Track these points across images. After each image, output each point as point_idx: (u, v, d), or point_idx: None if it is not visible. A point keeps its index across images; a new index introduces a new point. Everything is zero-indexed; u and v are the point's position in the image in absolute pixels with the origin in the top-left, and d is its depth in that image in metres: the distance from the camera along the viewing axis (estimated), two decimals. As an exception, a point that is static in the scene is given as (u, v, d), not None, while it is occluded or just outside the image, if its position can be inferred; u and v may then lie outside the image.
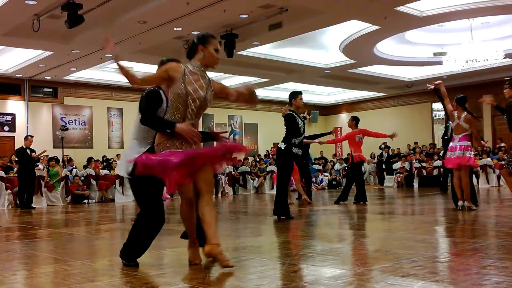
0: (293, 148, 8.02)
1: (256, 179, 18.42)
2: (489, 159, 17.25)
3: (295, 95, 8.33)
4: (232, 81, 20.70)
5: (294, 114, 8.21)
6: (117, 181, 15.34)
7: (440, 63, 16.13)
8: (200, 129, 4.17)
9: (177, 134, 3.85)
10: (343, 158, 23.28)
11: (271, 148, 23.70)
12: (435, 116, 23.02)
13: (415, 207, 9.66)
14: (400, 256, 4.32)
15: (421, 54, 17.03)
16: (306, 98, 25.13)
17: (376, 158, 21.50)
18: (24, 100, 18.33)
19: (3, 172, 13.67)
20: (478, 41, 14.33)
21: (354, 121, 11.23)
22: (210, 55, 3.99)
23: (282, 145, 8.18)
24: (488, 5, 12.27)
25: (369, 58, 16.91)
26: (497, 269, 3.62)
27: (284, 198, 7.99)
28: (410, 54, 17.17)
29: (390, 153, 21.00)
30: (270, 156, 22.01)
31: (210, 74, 4.27)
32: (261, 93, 23.07)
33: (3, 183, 13.31)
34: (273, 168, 18.76)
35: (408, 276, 3.46)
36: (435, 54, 15.68)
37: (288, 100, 8.46)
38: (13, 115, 18.06)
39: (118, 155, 18.67)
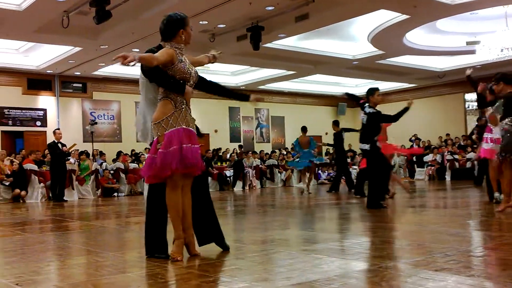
0: (377, 143, 7.97)
1: (284, 172, 18.38)
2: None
3: (372, 91, 8.17)
4: (258, 74, 20.69)
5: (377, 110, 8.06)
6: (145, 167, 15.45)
7: (473, 52, 15.80)
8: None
9: (178, 104, 4.00)
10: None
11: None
12: (468, 107, 22.62)
13: (447, 200, 9.52)
14: (432, 250, 4.25)
15: (453, 43, 16.74)
16: (334, 90, 25.16)
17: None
18: (55, 96, 18.65)
19: (36, 166, 13.93)
20: (514, 29, 13.97)
21: None
22: (188, 35, 4.21)
23: (365, 146, 8.05)
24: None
25: (398, 49, 16.68)
26: (533, 263, 3.54)
27: (379, 189, 7.96)
28: (442, 43, 16.88)
29: (421, 145, 20.71)
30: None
31: (236, 68, 4.37)
32: (287, 85, 23.05)
33: (36, 177, 13.57)
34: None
35: (442, 271, 3.40)
36: (467, 43, 15.38)
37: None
38: (45, 110, 18.39)
39: (146, 149, 18.84)
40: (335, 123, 14.18)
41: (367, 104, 8.14)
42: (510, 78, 7.02)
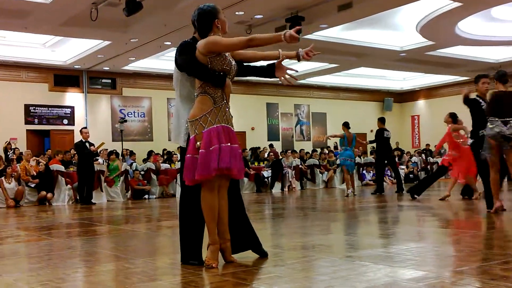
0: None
1: (326, 172, 18.28)
2: None
3: (477, 78, 7.83)
4: (298, 67, 20.50)
5: (480, 100, 7.56)
6: (178, 176, 15.59)
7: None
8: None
9: (218, 100, 3.99)
10: (421, 149, 22.78)
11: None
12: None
13: (505, 203, 9.30)
14: (489, 257, 4.17)
15: (510, 32, 16.35)
16: (380, 84, 24.94)
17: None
18: (83, 92, 19.00)
19: (62, 167, 14.20)
20: None
21: (451, 118, 10.71)
22: (224, 23, 4.28)
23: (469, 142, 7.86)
24: None
25: (450, 39, 16.39)
26: None
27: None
28: (497, 33, 16.50)
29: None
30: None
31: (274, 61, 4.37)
32: (329, 79, 22.94)
33: (63, 178, 13.83)
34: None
35: (499, 279, 3.33)
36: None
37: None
38: (72, 108, 18.75)
39: (178, 148, 19.00)
40: (381, 120, 14.08)
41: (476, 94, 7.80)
42: None
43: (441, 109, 19.78)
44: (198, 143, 3.93)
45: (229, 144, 3.93)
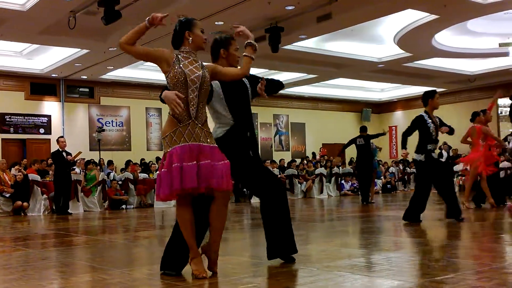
0: (432, 154, 7.83)
1: (304, 182, 18.34)
2: None
3: (432, 94, 8.08)
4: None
5: (425, 117, 7.92)
6: (156, 185, 15.51)
7: (506, 54, 15.70)
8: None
9: (183, 118, 3.95)
10: (398, 160, 22.99)
11: (320, 149, 23.60)
12: (501, 113, 22.40)
13: (480, 213, 9.43)
14: (463, 266, 4.22)
15: (485, 45, 16.63)
16: (358, 95, 25.11)
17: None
18: (60, 101, 18.85)
19: (38, 177, 14.05)
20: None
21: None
22: (197, 37, 4.22)
23: (418, 157, 7.89)
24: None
25: (427, 51, 16.62)
26: None
27: (419, 205, 7.92)
28: (473, 45, 16.77)
29: (451, 154, 20.55)
30: (318, 157, 21.92)
31: (253, 71, 4.39)
32: (308, 90, 23.06)
33: (39, 188, 13.67)
34: (322, 171, 18.67)
35: (474, 289, 3.38)
36: (500, 45, 15.29)
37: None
38: (49, 117, 18.58)
39: (157, 157, 18.95)
40: (362, 129, 14.21)
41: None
42: None
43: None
44: (164, 161, 3.95)
45: (194, 162, 3.87)
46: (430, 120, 7.88)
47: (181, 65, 4.02)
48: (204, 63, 4.25)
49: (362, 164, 13.99)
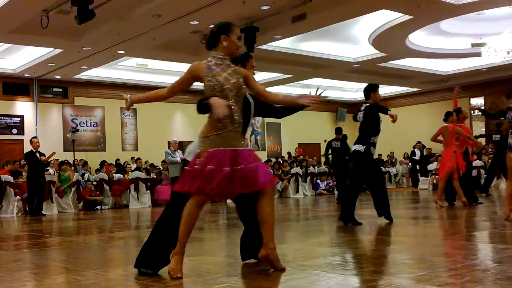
0: (371, 148, 7.62)
1: (280, 182, 18.38)
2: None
3: (374, 88, 7.82)
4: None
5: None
6: (132, 186, 15.46)
7: (479, 55, 15.93)
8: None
9: (222, 128, 4.00)
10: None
11: (296, 149, 23.68)
12: (473, 113, 22.74)
13: (452, 211, 9.56)
14: (436, 264, 4.28)
15: (458, 45, 16.86)
16: (333, 95, 25.24)
17: (409, 159, 21.34)
18: (33, 101, 18.61)
19: (11, 178, 13.86)
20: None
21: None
22: (232, 43, 4.11)
23: (360, 147, 7.61)
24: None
25: (401, 51, 16.79)
26: (543, 278, 3.56)
27: (352, 204, 7.65)
28: (446, 45, 16.99)
29: (425, 153, 20.78)
30: (294, 157, 21.98)
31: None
32: (284, 90, 23.09)
33: (12, 189, 13.49)
34: (298, 170, 18.73)
35: (445, 286, 3.43)
36: (473, 45, 15.53)
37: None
38: (22, 117, 18.34)
39: (132, 158, 18.83)
40: (337, 131, 14.23)
41: (365, 100, 7.88)
42: None
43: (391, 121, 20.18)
44: (199, 159, 3.96)
45: (228, 168, 3.90)
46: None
47: (215, 75, 4.04)
48: (237, 67, 4.23)
49: (338, 164, 14.07)
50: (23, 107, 18.43)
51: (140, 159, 17.85)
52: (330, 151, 14.39)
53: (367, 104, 7.74)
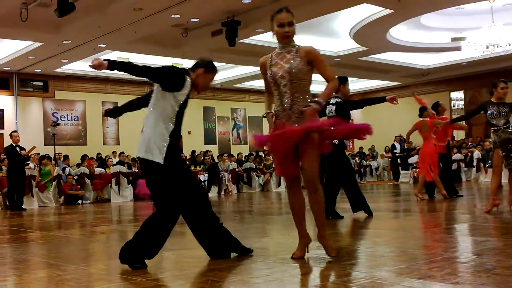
0: (343, 143, 7.67)
1: (262, 176, 18.41)
2: None
3: (343, 81, 7.69)
4: (235, 71, 20.73)
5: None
6: (113, 180, 15.37)
7: (458, 49, 16.05)
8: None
9: (279, 116, 4.32)
10: (355, 153, 23.29)
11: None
12: (454, 106, 22.96)
13: (433, 204, 9.63)
14: (416, 256, 4.31)
15: (438, 39, 16.99)
16: (315, 88, 25.25)
17: (390, 152, 21.47)
18: (13, 95, 18.40)
19: (-9, 172, 13.73)
20: (499, 24, 14.23)
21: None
22: (276, 32, 4.39)
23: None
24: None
25: (381, 45, 16.87)
26: (521, 270, 3.60)
27: (333, 197, 7.64)
28: (426, 40, 17.10)
29: (406, 147, 20.90)
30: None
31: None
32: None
33: (-9, 184, 13.36)
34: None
35: (426, 278, 3.46)
36: (453, 39, 15.65)
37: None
38: (1, 111, 18.15)
39: (114, 152, 18.71)
40: None
41: (334, 95, 7.61)
42: None
43: (375, 113, 20.30)
44: None
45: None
46: None
47: (271, 68, 4.36)
48: (301, 46, 4.38)
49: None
50: (3, 101, 18.22)
51: (123, 153, 17.75)
52: None
53: (338, 100, 7.59)
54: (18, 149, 12.98)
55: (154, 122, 4.29)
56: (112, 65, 3.96)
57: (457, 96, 22.68)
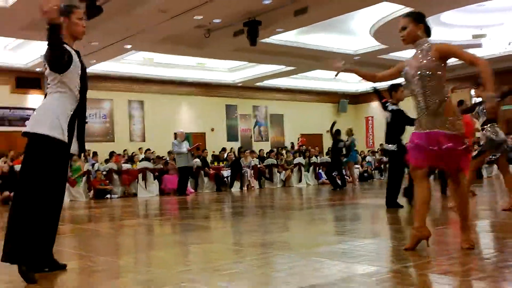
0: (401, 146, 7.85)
1: (283, 172, 18.39)
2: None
3: (396, 87, 8.06)
4: (256, 70, 20.73)
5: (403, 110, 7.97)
6: (140, 176, 15.50)
7: (479, 46, 15.81)
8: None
9: (418, 114, 4.37)
10: (375, 150, 23.16)
11: (298, 139, 23.67)
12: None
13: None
14: (437, 252, 4.28)
15: (458, 37, 16.74)
16: (335, 86, 25.22)
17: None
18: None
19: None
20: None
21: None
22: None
23: (393, 147, 8.04)
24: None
25: (402, 43, 16.67)
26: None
27: (396, 191, 8.17)
28: (447, 37, 16.85)
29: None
30: (297, 147, 21.96)
31: (233, 64, 4.40)
32: (286, 82, 23.10)
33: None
34: (301, 160, 18.74)
35: (448, 274, 3.43)
36: (474, 37, 15.43)
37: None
38: (34, 110, 18.31)
39: (140, 148, 18.85)
40: (332, 127, 15.17)
41: (389, 101, 8.08)
42: None
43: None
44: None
45: (434, 147, 4.14)
46: None
47: (405, 67, 4.49)
48: (435, 44, 4.45)
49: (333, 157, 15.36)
50: (35, 100, 18.44)
51: (149, 150, 17.86)
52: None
53: (394, 108, 8.01)
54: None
55: None
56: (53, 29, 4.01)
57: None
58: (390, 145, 8.08)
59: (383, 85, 7.45)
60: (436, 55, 4.25)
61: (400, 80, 4.59)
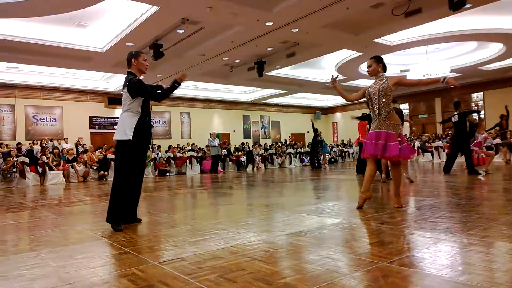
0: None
1: (280, 158, 18.33)
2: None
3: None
4: (262, 92, 20.62)
5: None
6: (188, 161, 15.49)
7: (405, 77, 15.64)
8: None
9: (373, 119, 4.27)
10: (339, 143, 22.97)
11: (289, 137, 23.58)
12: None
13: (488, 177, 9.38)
14: (378, 209, 4.23)
15: (392, 71, 16.58)
16: (312, 103, 24.97)
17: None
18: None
19: (113, 156, 13.91)
20: (431, 61, 13.91)
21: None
22: (369, 70, 4.36)
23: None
24: (438, 36, 11.94)
25: (355, 75, 16.57)
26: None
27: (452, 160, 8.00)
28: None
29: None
30: (289, 142, 21.89)
31: (247, 88, 4.34)
32: (282, 100, 22.88)
33: (113, 163, 13.53)
34: (291, 150, 18.61)
35: (384, 224, 3.39)
36: (401, 71, 15.27)
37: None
38: (118, 118, 18.34)
39: (188, 143, 18.83)
40: (313, 126, 14.56)
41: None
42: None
43: (350, 120, 19.94)
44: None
45: (373, 142, 4.11)
46: None
47: (369, 88, 4.29)
48: (389, 76, 4.33)
49: (312, 148, 14.79)
50: (119, 112, 18.38)
51: (194, 144, 17.86)
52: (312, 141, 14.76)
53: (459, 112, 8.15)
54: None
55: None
56: (173, 87, 3.90)
57: (404, 107, 22.16)
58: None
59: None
60: (391, 83, 4.17)
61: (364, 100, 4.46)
